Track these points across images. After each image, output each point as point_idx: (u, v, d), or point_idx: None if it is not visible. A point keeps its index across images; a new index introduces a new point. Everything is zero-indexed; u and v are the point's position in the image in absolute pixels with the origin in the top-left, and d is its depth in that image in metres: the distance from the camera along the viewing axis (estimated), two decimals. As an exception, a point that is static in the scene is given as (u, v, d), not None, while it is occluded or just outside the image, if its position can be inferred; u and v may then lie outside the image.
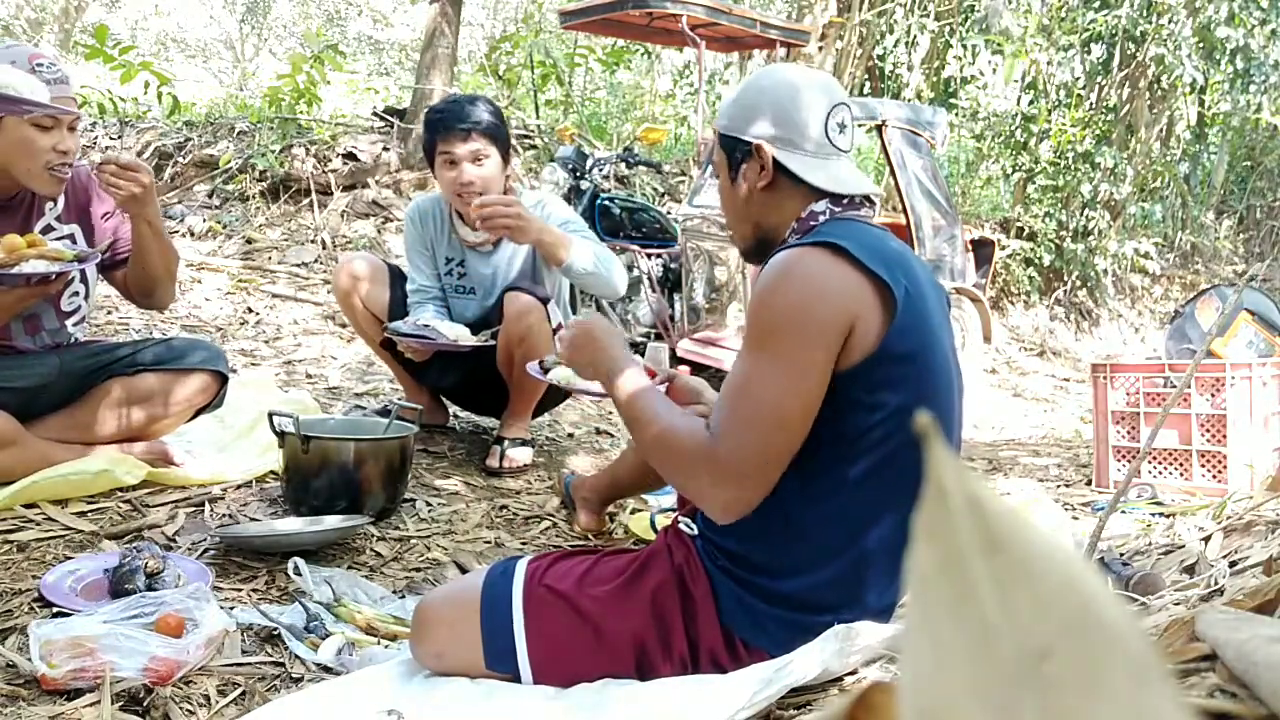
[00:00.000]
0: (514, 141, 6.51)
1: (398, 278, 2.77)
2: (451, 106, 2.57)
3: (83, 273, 2.24)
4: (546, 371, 2.13)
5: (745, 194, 1.51)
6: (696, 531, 1.49)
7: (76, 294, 2.25)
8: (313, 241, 5.40)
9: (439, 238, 2.73)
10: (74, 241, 2.23)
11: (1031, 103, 8.51)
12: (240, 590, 1.83)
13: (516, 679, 1.44)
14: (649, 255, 4.84)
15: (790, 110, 1.47)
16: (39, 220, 2.17)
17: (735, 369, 1.37)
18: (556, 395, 2.79)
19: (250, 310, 4.47)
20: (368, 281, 2.71)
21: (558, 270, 2.49)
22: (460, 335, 2.51)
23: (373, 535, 2.17)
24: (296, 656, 1.60)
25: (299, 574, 1.84)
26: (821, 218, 1.45)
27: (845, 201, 1.46)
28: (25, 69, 1.98)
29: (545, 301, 2.53)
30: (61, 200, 2.21)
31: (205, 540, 2.01)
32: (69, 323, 2.26)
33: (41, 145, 2.00)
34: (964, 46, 8.19)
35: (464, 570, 2.07)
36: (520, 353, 2.48)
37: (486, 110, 2.55)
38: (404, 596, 1.92)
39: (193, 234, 5.33)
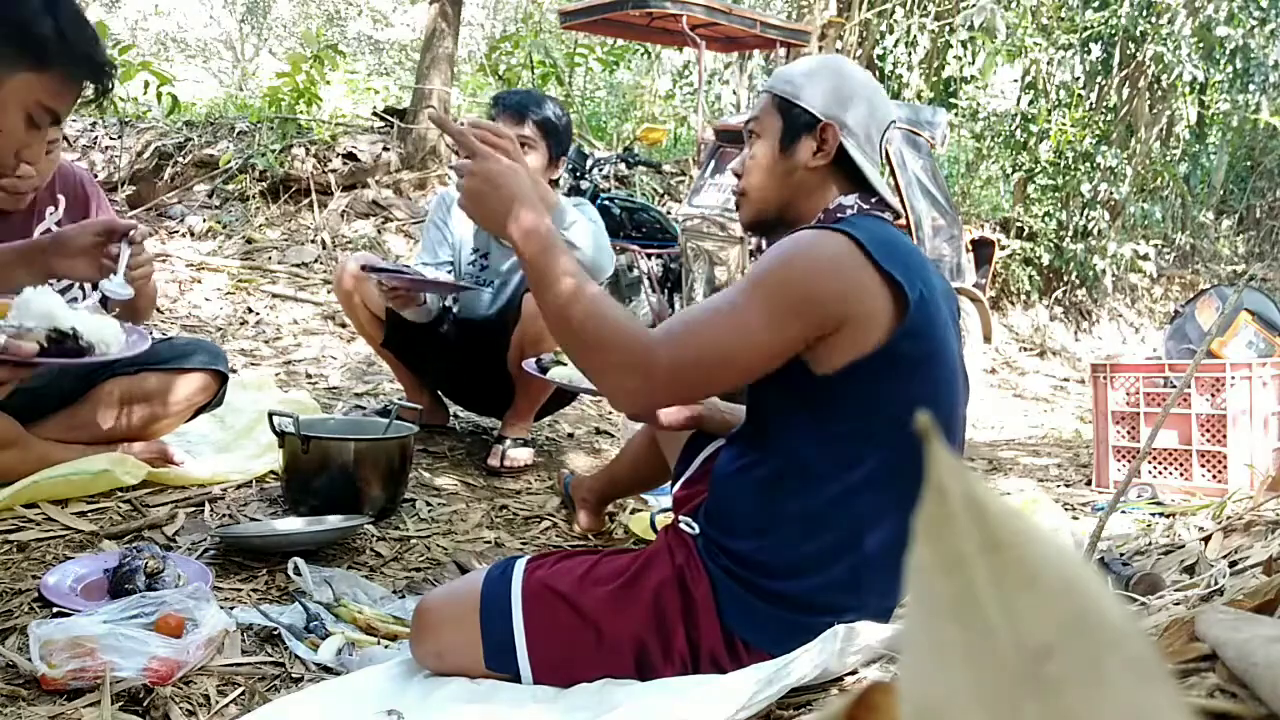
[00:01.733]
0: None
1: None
2: (519, 92, 2.63)
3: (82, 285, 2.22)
4: (544, 370, 2.13)
5: (791, 167, 1.49)
6: (697, 531, 1.49)
7: (74, 300, 2.24)
8: (313, 241, 5.40)
9: (467, 225, 2.73)
10: None
11: (1031, 103, 8.51)
12: (240, 590, 1.83)
13: (516, 679, 1.44)
14: (649, 255, 4.84)
15: (870, 108, 1.50)
16: (39, 224, 2.16)
17: (715, 298, 1.37)
18: (561, 400, 2.79)
19: (250, 310, 4.47)
20: (369, 281, 2.71)
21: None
22: (441, 278, 2.49)
23: (373, 535, 2.17)
24: (296, 656, 1.60)
25: (299, 574, 1.84)
26: (849, 211, 1.46)
27: (874, 201, 1.48)
28: None
29: None
30: (63, 204, 2.20)
31: (205, 540, 2.01)
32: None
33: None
34: (964, 46, 8.19)
35: (464, 570, 2.07)
36: (534, 354, 2.48)
37: (553, 107, 2.58)
38: (404, 596, 1.92)
39: (193, 234, 5.33)
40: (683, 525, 1.52)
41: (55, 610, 1.62)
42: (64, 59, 1.45)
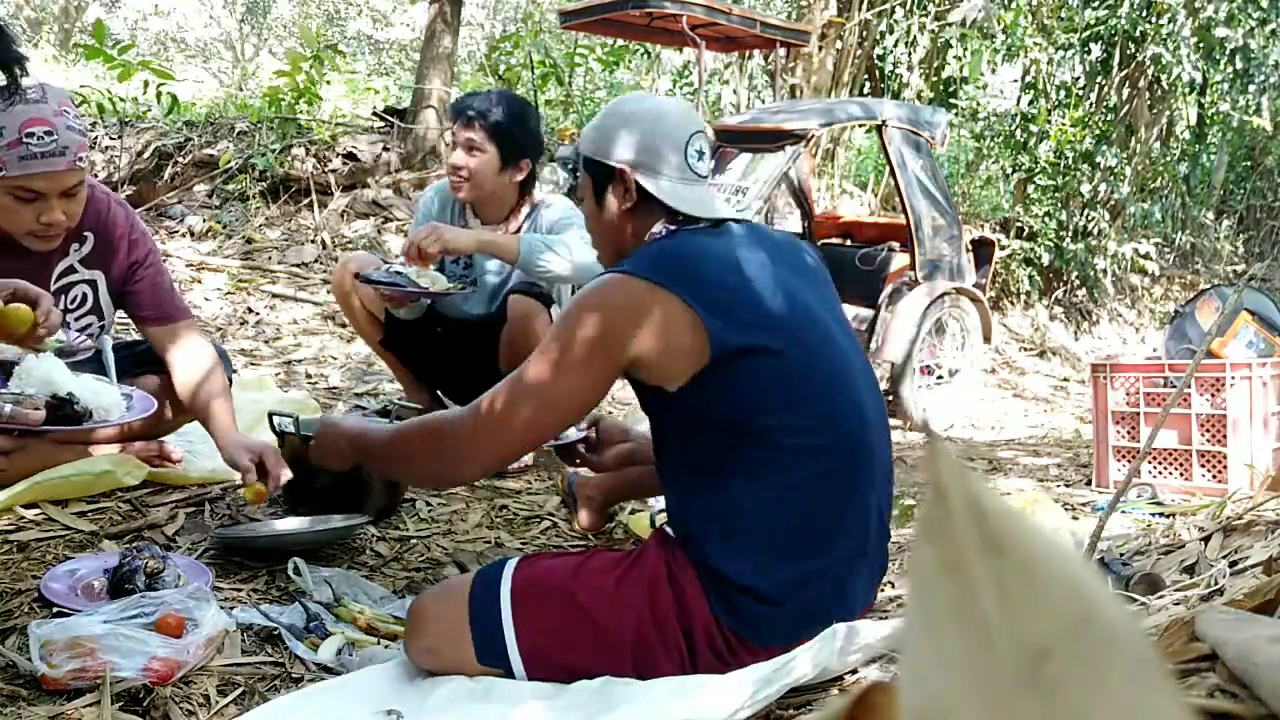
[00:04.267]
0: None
1: None
2: (476, 96, 2.64)
3: (100, 313, 2.20)
4: None
5: (610, 218, 1.60)
6: (675, 535, 1.51)
7: (93, 335, 2.21)
8: (312, 241, 5.40)
9: (453, 223, 2.74)
10: (94, 288, 2.17)
11: (1031, 103, 8.51)
12: (240, 590, 1.83)
13: (509, 673, 1.45)
14: (649, 255, 4.84)
15: (652, 137, 1.56)
16: (62, 260, 2.11)
17: (528, 361, 1.48)
18: None
19: (250, 310, 4.47)
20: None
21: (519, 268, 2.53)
22: (436, 283, 2.51)
23: (373, 535, 2.17)
24: (296, 656, 1.60)
25: (299, 574, 1.84)
26: (659, 236, 1.55)
27: (680, 220, 1.55)
28: (13, 136, 1.81)
29: (549, 303, 2.54)
30: (90, 241, 2.13)
31: (205, 540, 2.01)
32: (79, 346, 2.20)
33: (23, 216, 1.89)
34: (964, 46, 8.19)
35: (464, 570, 2.07)
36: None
37: (503, 109, 2.58)
38: (404, 596, 1.92)
39: (193, 234, 5.33)
40: (666, 529, 1.54)
41: (55, 610, 1.62)
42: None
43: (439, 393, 2.99)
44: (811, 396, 1.43)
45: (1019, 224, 8.36)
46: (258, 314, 4.43)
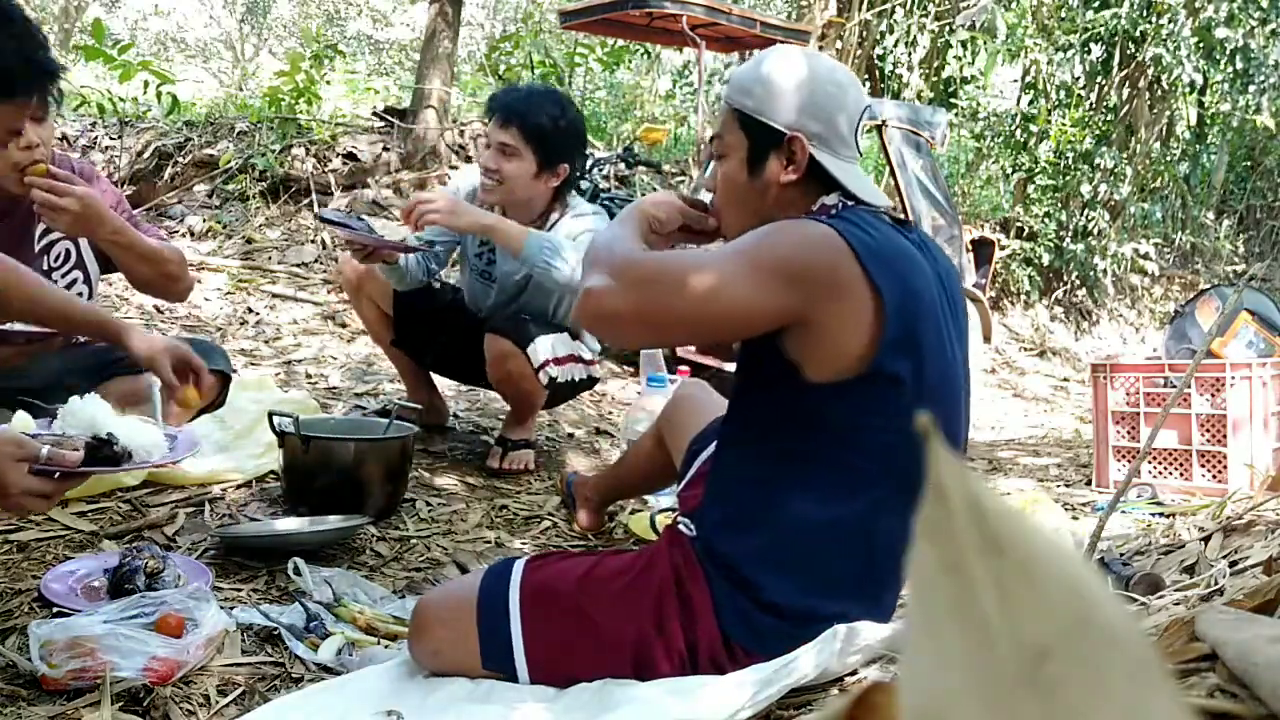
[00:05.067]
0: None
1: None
2: (516, 92, 2.52)
3: (85, 272, 2.23)
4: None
5: (762, 186, 1.43)
6: (694, 533, 1.48)
7: (80, 294, 2.24)
8: (312, 241, 5.40)
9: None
10: (76, 243, 2.21)
11: (1031, 103, 8.52)
12: (240, 590, 1.83)
13: (513, 678, 1.44)
14: (649, 255, 4.84)
15: (834, 108, 1.40)
16: (39, 225, 2.15)
17: (697, 253, 1.37)
18: (559, 396, 2.78)
19: (250, 310, 4.47)
20: (375, 276, 2.68)
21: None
22: (402, 237, 2.39)
23: (373, 535, 2.17)
24: (296, 656, 1.60)
25: (299, 574, 1.84)
26: (833, 210, 1.42)
27: (855, 201, 1.44)
28: None
29: (527, 343, 2.44)
30: None
31: (205, 540, 2.01)
32: None
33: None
34: (964, 46, 8.19)
35: (464, 570, 2.07)
36: (511, 392, 2.54)
37: (546, 110, 2.45)
38: (404, 596, 1.92)
39: (193, 234, 5.33)
40: (681, 526, 1.51)
41: (55, 610, 1.62)
42: (27, 82, 1.49)
43: (440, 390, 2.99)
44: (915, 435, 1.35)
45: (1019, 224, 8.36)
46: (258, 314, 4.42)
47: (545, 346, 2.47)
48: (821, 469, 1.37)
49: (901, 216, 1.48)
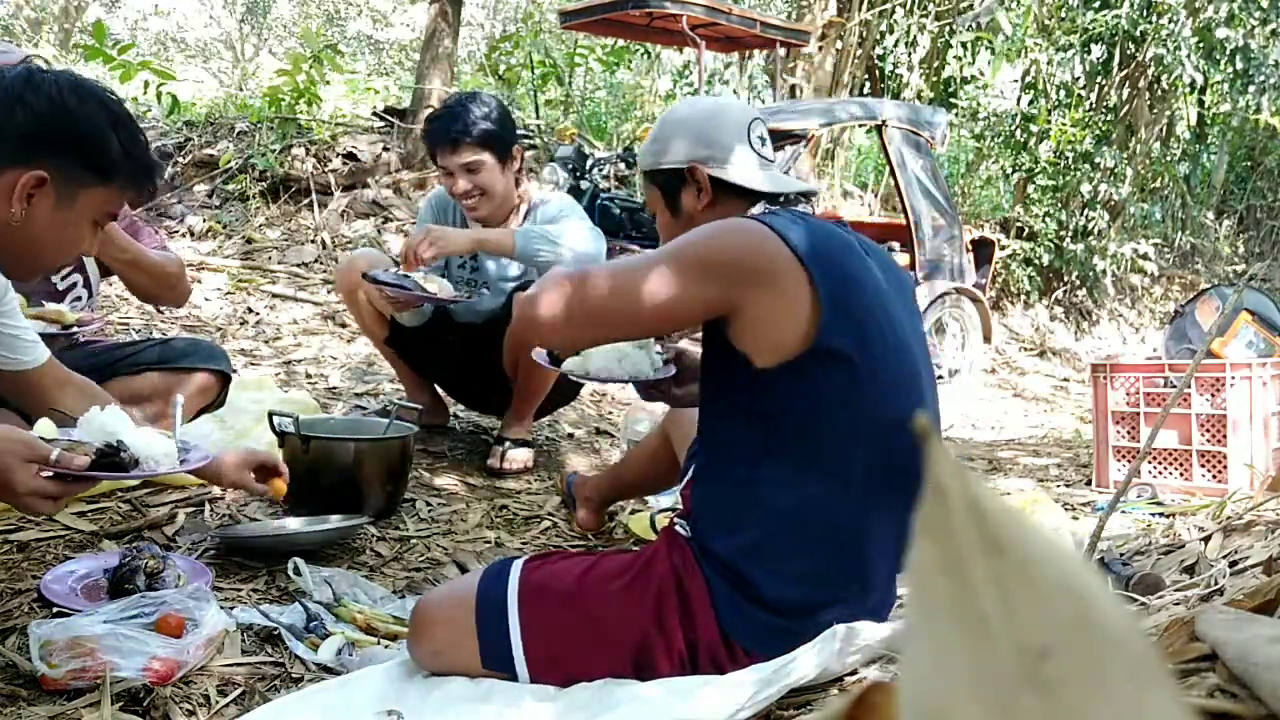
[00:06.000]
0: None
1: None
2: (442, 117, 2.53)
3: (85, 276, 2.23)
4: (556, 362, 2.12)
5: (687, 220, 1.55)
6: (689, 534, 1.49)
7: (79, 299, 2.24)
8: (312, 241, 5.40)
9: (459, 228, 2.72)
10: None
11: (1031, 103, 8.52)
12: (240, 590, 1.83)
13: (513, 677, 1.44)
14: (649, 255, 4.85)
15: (711, 130, 1.54)
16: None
17: (634, 257, 1.44)
18: (558, 398, 2.78)
19: (250, 310, 4.47)
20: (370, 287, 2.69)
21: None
22: (443, 289, 2.44)
23: (373, 535, 2.17)
24: (296, 656, 1.60)
25: (299, 574, 1.84)
26: (762, 217, 1.48)
27: (782, 201, 1.52)
28: None
29: None
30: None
31: (205, 540, 2.01)
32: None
33: None
34: (964, 46, 8.20)
35: (464, 570, 2.07)
36: (524, 352, 2.47)
37: (477, 114, 2.49)
38: (404, 596, 1.92)
39: (193, 234, 5.33)
40: (677, 527, 1.52)
41: (55, 610, 1.62)
42: (126, 172, 1.59)
43: (442, 391, 2.99)
44: (881, 415, 1.37)
45: (1019, 224, 8.36)
46: (258, 314, 4.42)
47: None
48: (790, 458, 1.39)
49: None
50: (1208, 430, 3.04)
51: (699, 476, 1.53)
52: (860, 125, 6.49)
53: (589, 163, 4.75)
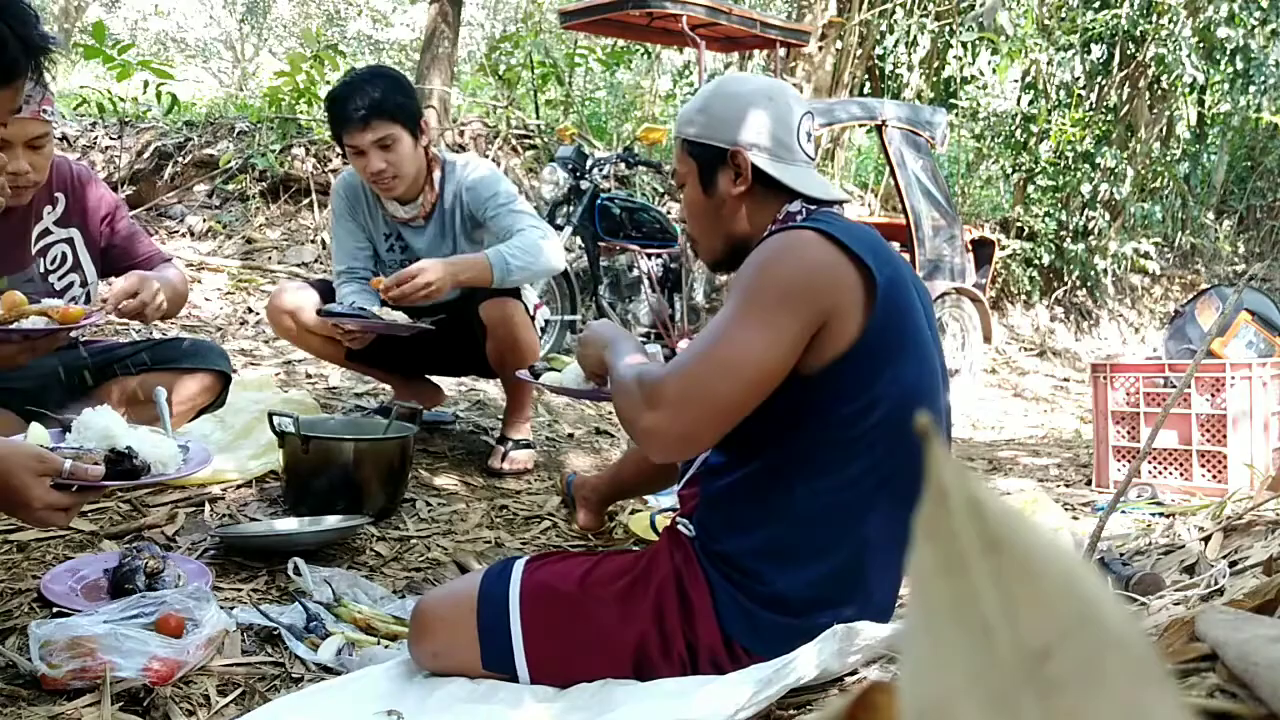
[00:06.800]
0: (511, 139, 6.50)
1: (329, 292, 2.62)
2: (343, 93, 2.43)
3: (82, 275, 2.23)
4: (537, 375, 2.12)
5: (719, 203, 1.51)
6: (693, 533, 1.49)
7: (75, 299, 2.24)
8: (312, 241, 5.40)
9: (372, 215, 2.65)
10: (72, 246, 2.21)
11: (1031, 103, 8.51)
12: (240, 590, 1.83)
13: (514, 678, 1.44)
14: (649, 255, 4.84)
15: (769, 119, 1.48)
16: (37, 224, 2.15)
17: (712, 321, 1.38)
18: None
19: (250, 310, 4.47)
20: (304, 307, 2.56)
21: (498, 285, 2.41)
22: (397, 318, 2.38)
23: (373, 535, 2.17)
24: (296, 656, 1.60)
25: (299, 574, 1.84)
26: (799, 216, 1.47)
27: (818, 203, 1.49)
28: None
29: (518, 297, 2.49)
30: (61, 202, 2.18)
31: (205, 540, 2.01)
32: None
33: None
34: (964, 46, 8.19)
35: (464, 570, 2.07)
36: (513, 358, 2.42)
37: (382, 89, 2.38)
38: (404, 596, 1.92)
39: (193, 234, 5.33)
40: (680, 527, 1.52)
41: (55, 610, 1.62)
42: (27, 68, 1.46)
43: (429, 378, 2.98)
44: (903, 417, 1.36)
45: (1019, 224, 8.36)
46: (258, 314, 4.42)
47: (530, 295, 2.63)
48: (812, 459, 1.38)
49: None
50: (1208, 430, 3.04)
51: (710, 475, 1.51)
52: (860, 125, 6.49)
53: (589, 163, 4.74)
